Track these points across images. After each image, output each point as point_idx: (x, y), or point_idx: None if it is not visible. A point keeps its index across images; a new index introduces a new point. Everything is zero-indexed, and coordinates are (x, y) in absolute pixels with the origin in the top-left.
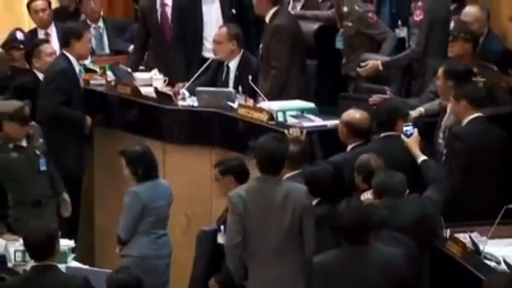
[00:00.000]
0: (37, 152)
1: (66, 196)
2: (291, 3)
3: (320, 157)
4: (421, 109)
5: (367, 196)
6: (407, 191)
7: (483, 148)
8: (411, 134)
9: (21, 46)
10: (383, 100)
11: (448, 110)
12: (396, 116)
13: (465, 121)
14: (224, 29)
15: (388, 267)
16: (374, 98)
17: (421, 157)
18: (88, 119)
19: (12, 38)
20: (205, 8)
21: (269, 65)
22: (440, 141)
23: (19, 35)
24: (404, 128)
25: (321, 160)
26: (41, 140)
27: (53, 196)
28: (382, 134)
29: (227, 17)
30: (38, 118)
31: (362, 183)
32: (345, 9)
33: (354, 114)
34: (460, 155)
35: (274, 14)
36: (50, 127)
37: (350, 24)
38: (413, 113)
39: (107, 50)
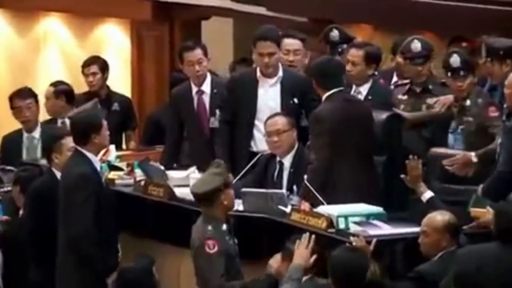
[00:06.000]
0: None
1: None
2: (354, 87)
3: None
4: None
5: None
6: None
7: None
8: None
9: None
10: None
11: None
12: None
13: None
14: (281, 117)
15: None
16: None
17: None
18: None
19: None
20: (261, 92)
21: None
22: None
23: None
24: None
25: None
26: None
27: None
28: None
29: (286, 106)
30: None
31: None
32: (467, 103)
33: (443, 217)
34: None
35: (326, 99)
36: None
37: (470, 119)
38: None
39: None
